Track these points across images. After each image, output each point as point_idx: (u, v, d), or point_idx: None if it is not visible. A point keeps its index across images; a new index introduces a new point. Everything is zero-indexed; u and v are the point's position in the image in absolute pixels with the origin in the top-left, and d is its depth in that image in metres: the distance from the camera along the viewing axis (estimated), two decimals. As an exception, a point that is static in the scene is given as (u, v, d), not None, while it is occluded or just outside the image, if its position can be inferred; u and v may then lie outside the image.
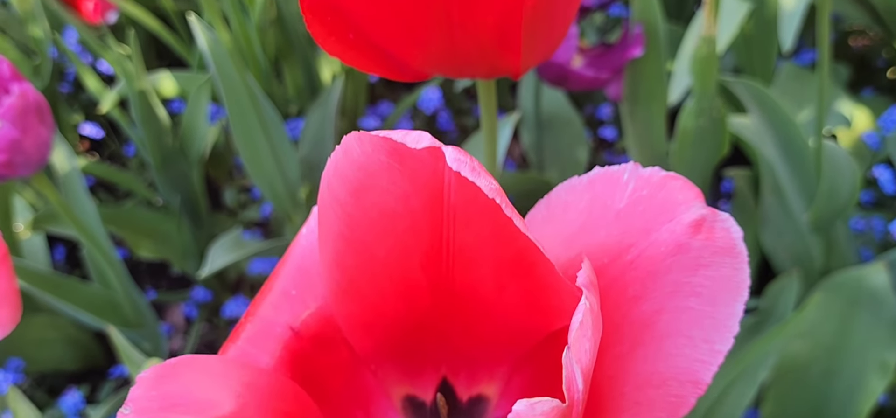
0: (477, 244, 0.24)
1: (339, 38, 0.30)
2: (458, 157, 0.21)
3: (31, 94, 0.50)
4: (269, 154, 0.65)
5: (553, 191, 0.26)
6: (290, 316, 0.26)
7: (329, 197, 0.23)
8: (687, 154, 0.56)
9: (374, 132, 0.21)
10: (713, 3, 0.48)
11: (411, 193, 0.23)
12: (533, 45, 0.31)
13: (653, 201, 0.23)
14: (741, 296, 0.22)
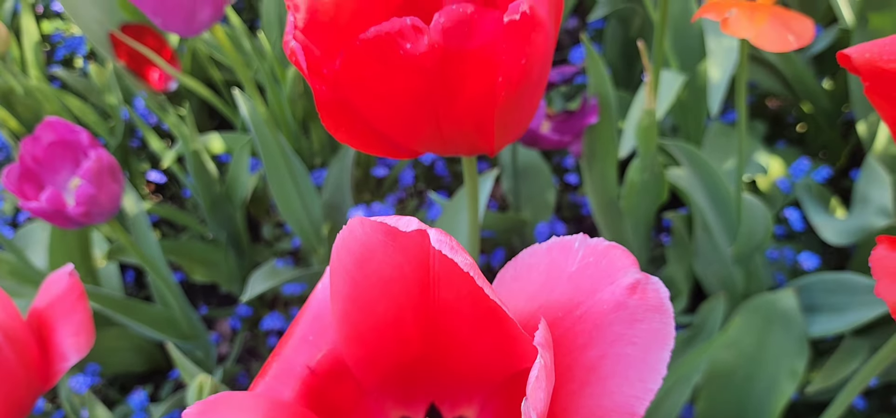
0: (457, 301, 0.24)
1: (348, 129, 0.30)
2: (440, 238, 0.21)
3: (104, 157, 0.50)
4: (297, 199, 0.65)
5: (519, 255, 0.26)
6: (308, 357, 0.26)
7: (338, 265, 0.23)
8: (634, 201, 0.57)
9: (373, 217, 0.22)
10: (653, 83, 0.48)
11: (404, 263, 0.23)
12: (504, 133, 0.31)
13: (598, 266, 0.24)
14: (668, 345, 0.22)
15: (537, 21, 0.27)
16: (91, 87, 0.85)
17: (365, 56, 0.27)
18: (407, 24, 0.26)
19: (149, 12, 0.45)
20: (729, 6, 0.35)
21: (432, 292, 0.24)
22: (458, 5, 0.26)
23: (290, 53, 0.28)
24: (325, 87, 0.29)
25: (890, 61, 0.26)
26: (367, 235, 0.22)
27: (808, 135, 0.82)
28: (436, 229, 0.21)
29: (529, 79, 0.29)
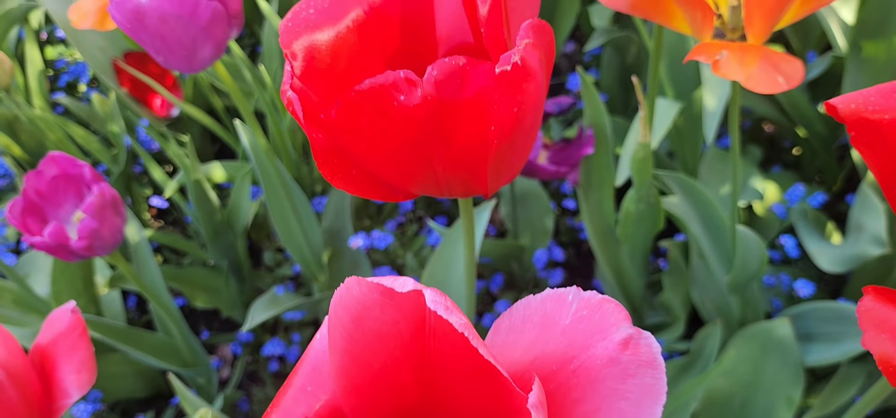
0: (452, 356, 0.24)
1: (344, 176, 0.30)
2: (435, 299, 0.21)
3: (107, 192, 0.50)
4: (297, 227, 0.65)
5: (515, 306, 0.26)
6: (306, 407, 0.26)
7: (336, 321, 0.24)
8: (630, 230, 0.57)
9: (370, 279, 0.22)
10: (647, 116, 0.48)
11: (400, 320, 0.23)
12: (498, 176, 0.31)
13: (591, 321, 0.24)
14: (660, 400, 0.22)
15: (529, 71, 0.27)
16: (94, 114, 0.86)
17: (360, 106, 0.27)
18: (401, 78, 0.26)
19: (151, 50, 0.46)
20: (719, 48, 0.36)
21: (428, 347, 0.24)
22: (450, 58, 0.26)
23: (288, 103, 0.28)
24: (322, 135, 0.29)
25: (875, 112, 0.27)
26: (364, 294, 0.22)
27: (804, 158, 0.82)
28: (431, 289, 0.22)
29: (522, 126, 0.29)
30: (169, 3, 0.42)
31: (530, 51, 0.27)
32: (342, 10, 0.32)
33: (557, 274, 0.74)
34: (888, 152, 0.26)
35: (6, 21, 0.78)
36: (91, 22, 0.59)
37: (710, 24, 0.37)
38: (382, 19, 0.33)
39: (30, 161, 0.87)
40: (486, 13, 0.28)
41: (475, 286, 0.40)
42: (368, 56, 0.33)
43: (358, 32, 0.32)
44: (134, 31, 0.44)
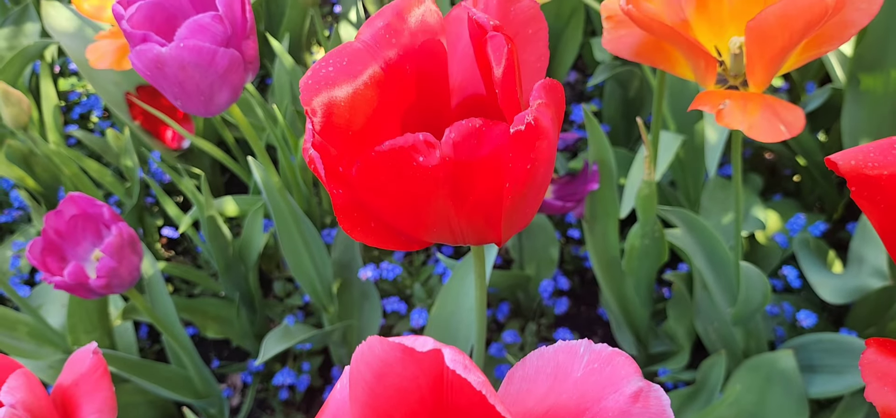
0: (469, 409, 0.25)
1: (363, 229, 0.31)
2: (454, 358, 0.22)
3: (125, 231, 0.51)
4: (308, 260, 0.66)
5: (529, 357, 0.27)
6: (328, 455, 0.27)
7: (357, 376, 0.24)
8: (635, 264, 0.58)
9: (391, 339, 0.23)
10: (651, 155, 0.49)
11: (419, 375, 0.24)
12: (511, 226, 0.32)
13: (602, 373, 0.25)
14: (670, 452, 0.23)
15: (541, 130, 0.28)
16: (107, 147, 0.87)
17: (380, 166, 0.28)
18: (420, 140, 0.27)
19: (169, 95, 0.47)
20: (722, 98, 0.37)
21: (446, 397, 0.25)
22: (467, 120, 0.27)
23: (309, 161, 0.29)
24: (342, 191, 0.30)
25: (874, 168, 0.28)
26: (385, 352, 0.23)
27: (804, 186, 0.83)
28: (450, 348, 0.23)
29: (534, 180, 0.30)
30: (188, 52, 0.43)
31: (543, 110, 0.28)
32: (360, 67, 0.33)
33: (563, 302, 0.75)
34: (887, 206, 0.27)
35: (23, 58, 0.80)
36: (108, 62, 0.61)
37: (713, 72, 0.38)
38: (398, 74, 0.34)
39: (44, 193, 0.88)
40: (500, 75, 0.29)
41: (485, 329, 0.41)
42: (386, 109, 0.34)
43: (375, 87, 0.33)
44: (153, 77, 0.45)
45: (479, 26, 0.30)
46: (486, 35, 0.30)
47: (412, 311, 0.71)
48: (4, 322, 0.68)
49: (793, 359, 0.54)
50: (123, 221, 0.52)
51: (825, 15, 0.34)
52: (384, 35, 0.34)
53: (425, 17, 0.35)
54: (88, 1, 0.63)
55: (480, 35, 0.30)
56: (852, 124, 0.71)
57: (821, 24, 0.35)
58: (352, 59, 0.33)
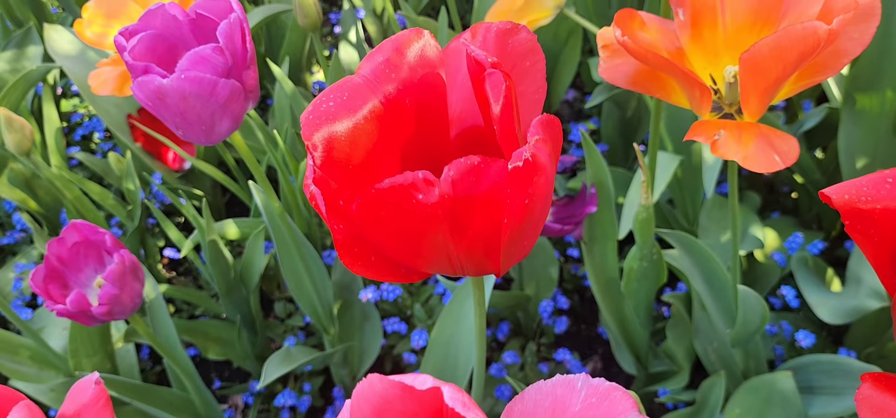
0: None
1: (364, 263, 0.31)
2: (453, 396, 0.22)
3: (127, 258, 0.51)
4: (308, 282, 0.66)
5: (527, 390, 0.27)
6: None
7: (358, 412, 0.25)
8: (633, 286, 0.58)
9: (391, 378, 0.23)
10: (648, 180, 0.50)
11: (419, 412, 0.24)
12: (509, 258, 0.32)
13: (600, 408, 0.25)
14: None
15: (539, 166, 0.29)
16: (109, 169, 0.88)
17: (380, 202, 0.29)
18: (419, 178, 0.27)
19: (170, 125, 0.47)
20: (717, 128, 0.37)
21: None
22: (466, 158, 0.28)
23: (310, 197, 0.30)
24: (343, 226, 0.30)
25: (867, 202, 0.28)
26: (385, 390, 0.24)
27: (802, 203, 0.83)
28: (449, 385, 0.23)
29: (533, 214, 0.31)
30: (189, 83, 0.44)
31: (540, 146, 0.29)
32: (359, 102, 0.33)
33: (562, 321, 0.75)
34: (881, 240, 0.28)
35: (26, 82, 0.80)
36: (110, 89, 0.61)
37: (708, 102, 0.39)
38: (398, 108, 0.35)
39: (45, 215, 0.89)
40: (498, 112, 0.29)
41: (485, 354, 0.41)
42: (386, 142, 0.35)
43: (375, 121, 0.34)
44: (155, 107, 0.46)
45: (478, 63, 0.31)
46: (484, 72, 0.30)
47: (413, 332, 0.71)
48: (7, 346, 0.68)
49: (792, 381, 0.54)
50: (125, 248, 0.52)
51: (818, 47, 0.35)
52: (384, 69, 0.34)
53: (424, 51, 0.35)
54: (90, 28, 0.64)
55: (479, 72, 0.31)
56: (848, 143, 0.71)
57: (814, 56, 0.36)
58: (352, 94, 0.33)
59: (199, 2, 0.47)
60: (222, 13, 0.46)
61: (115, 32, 0.64)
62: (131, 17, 0.65)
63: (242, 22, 0.46)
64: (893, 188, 0.28)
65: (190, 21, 0.48)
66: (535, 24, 0.65)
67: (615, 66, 0.42)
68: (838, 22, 0.34)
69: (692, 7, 0.42)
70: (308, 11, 0.62)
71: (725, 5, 0.42)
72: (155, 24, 0.48)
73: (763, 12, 0.41)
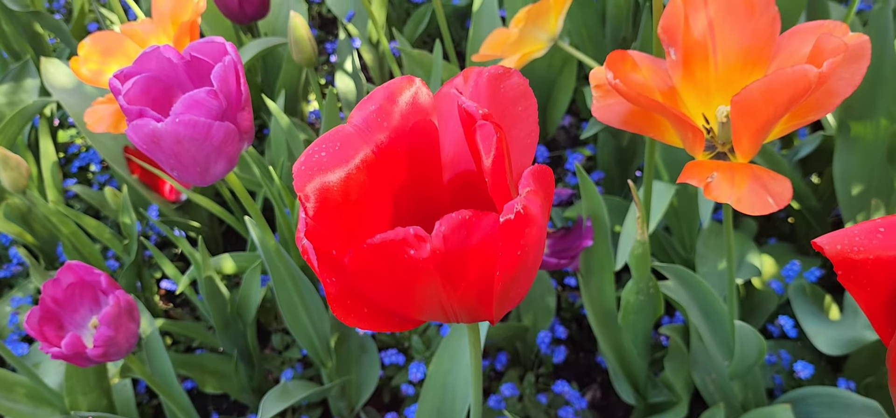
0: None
1: (356, 314, 0.31)
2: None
3: (122, 299, 0.51)
4: (305, 317, 0.66)
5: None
6: None
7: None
8: (630, 319, 0.58)
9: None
10: (643, 217, 0.50)
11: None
12: (503, 306, 0.32)
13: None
14: None
15: (531, 218, 0.29)
16: (106, 201, 0.88)
17: (372, 256, 0.29)
18: (410, 234, 0.27)
19: (165, 167, 0.47)
20: (710, 170, 0.37)
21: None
22: (457, 213, 0.28)
23: (303, 250, 0.30)
24: (335, 279, 0.30)
25: (859, 252, 0.28)
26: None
27: (799, 228, 0.83)
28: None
29: (525, 264, 0.31)
30: (184, 127, 0.44)
31: (532, 198, 0.29)
32: (352, 151, 0.33)
33: (561, 351, 0.74)
34: (874, 290, 0.28)
35: (22, 117, 0.80)
36: (106, 127, 0.61)
37: (700, 143, 0.39)
38: (390, 155, 0.35)
39: (42, 248, 0.89)
40: (490, 165, 0.29)
41: (481, 394, 0.41)
42: (378, 189, 0.35)
43: (367, 170, 0.34)
44: (149, 150, 0.46)
45: (469, 115, 0.31)
46: (476, 124, 0.30)
47: (411, 365, 0.71)
48: (2, 383, 0.68)
49: (791, 414, 0.54)
50: (121, 289, 0.52)
51: (809, 89, 0.35)
52: (375, 118, 0.34)
53: (416, 98, 0.35)
54: (86, 66, 0.64)
55: (470, 122, 0.31)
56: (844, 170, 0.72)
57: (805, 97, 0.36)
58: (343, 144, 0.33)
59: (193, 44, 0.47)
60: (216, 55, 0.47)
61: (112, 69, 0.64)
62: (127, 55, 0.65)
63: (237, 64, 0.46)
64: (885, 237, 0.28)
65: (185, 63, 0.48)
66: (529, 57, 0.65)
67: (608, 105, 0.42)
68: (828, 65, 0.34)
69: (684, 47, 0.42)
70: (303, 48, 0.62)
71: (717, 45, 0.42)
72: (150, 67, 0.48)
73: (754, 52, 0.42)
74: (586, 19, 0.85)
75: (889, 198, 0.70)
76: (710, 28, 0.42)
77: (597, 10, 0.87)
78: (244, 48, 0.83)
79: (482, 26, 0.85)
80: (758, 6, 0.41)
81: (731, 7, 0.41)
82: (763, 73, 0.42)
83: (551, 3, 0.64)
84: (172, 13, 0.64)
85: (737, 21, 0.42)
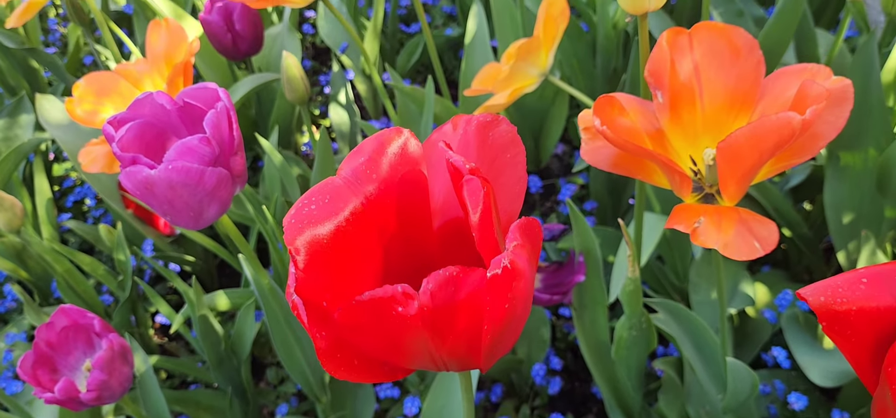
0: None
1: (347, 367, 0.31)
2: None
3: (116, 343, 0.51)
4: (299, 353, 0.66)
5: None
6: None
7: None
8: (623, 353, 0.58)
9: None
10: (634, 254, 0.50)
11: None
12: (492, 356, 0.33)
13: None
14: None
15: (518, 272, 0.29)
16: (99, 236, 0.88)
17: (361, 313, 0.29)
18: (398, 292, 0.28)
19: (159, 212, 0.48)
20: (697, 215, 0.37)
21: None
22: (444, 269, 0.28)
23: (293, 306, 0.30)
24: (325, 333, 0.30)
25: (842, 304, 0.28)
26: None
27: (791, 256, 0.84)
28: None
29: (513, 316, 0.31)
30: (177, 173, 0.44)
31: (519, 252, 0.29)
32: (341, 204, 0.34)
33: (556, 382, 0.74)
34: (858, 341, 0.28)
35: (17, 155, 0.81)
36: (100, 167, 0.62)
37: (687, 187, 0.39)
38: (379, 206, 0.35)
39: (36, 283, 0.89)
40: (477, 221, 0.30)
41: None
42: (368, 240, 0.35)
43: (357, 221, 0.34)
44: (143, 196, 0.46)
45: (456, 169, 0.31)
46: (463, 179, 0.31)
47: (405, 399, 0.71)
48: (-5, 424, 0.68)
49: (784, 448, 0.54)
50: (114, 332, 0.52)
51: (793, 136, 0.35)
52: (365, 170, 0.35)
53: (404, 149, 0.36)
54: (81, 106, 0.64)
55: (458, 177, 0.31)
56: (834, 199, 0.72)
57: (790, 143, 0.36)
58: (333, 197, 0.34)
59: (186, 90, 0.48)
60: (209, 101, 0.47)
61: (106, 110, 0.64)
62: (122, 95, 0.66)
63: (229, 110, 0.46)
64: (868, 288, 0.28)
65: (178, 108, 0.48)
66: (520, 92, 0.66)
67: (597, 148, 0.43)
68: (812, 112, 0.35)
69: (670, 90, 0.42)
70: (296, 87, 0.63)
71: (703, 88, 0.43)
72: (144, 113, 0.48)
73: (740, 94, 0.42)
74: (577, 51, 0.86)
75: (879, 228, 0.70)
76: (695, 71, 0.42)
77: (587, 42, 0.87)
78: (238, 84, 0.83)
79: (474, 58, 0.86)
80: (742, 50, 0.42)
81: (717, 51, 0.42)
82: (749, 114, 0.42)
83: (541, 39, 0.64)
84: (166, 54, 0.64)
85: (722, 64, 0.42)
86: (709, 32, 0.42)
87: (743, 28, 0.82)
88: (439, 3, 1.20)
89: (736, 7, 0.85)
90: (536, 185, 0.92)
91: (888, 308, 0.28)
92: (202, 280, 0.91)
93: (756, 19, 0.87)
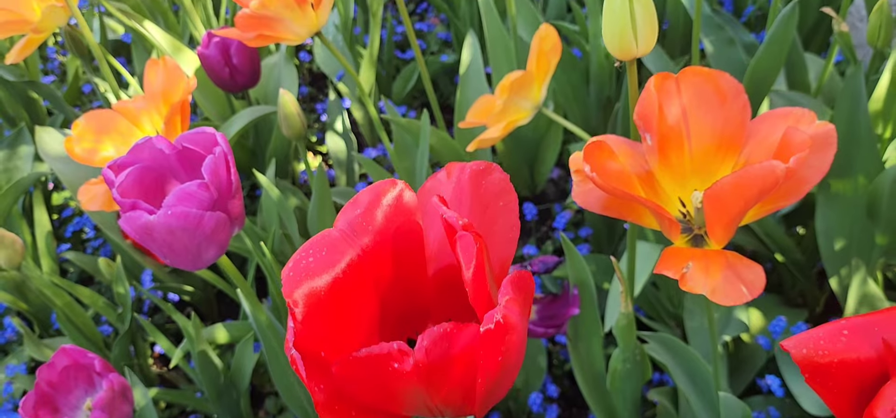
0: None
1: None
2: None
3: (116, 383, 0.52)
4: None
5: None
6: None
7: None
8: (618, 385, 0.59)
9: None
10: (627, 290, 0.51)
11: None
12: (487, 403, 0.33)
13: None
14: None
15: (510, 326, 0.30)
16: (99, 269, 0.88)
17: (358, 367, 0.30)
18: (394, 349, 0.28)
19: (158, 254, 0.49)
20: (685, 260, 0.38)
21: None
22: (438, 326, 0.29)
23: (291, 360, 0.31)
24: (324, 386, 0.31)
25: (824, 356, 0.29)
26: None
27: (785, 281, 0.85)
28: None
29: (507, 366, 0.32)
30: (175, 219, 0.45)
31: (511, 306, 0.30)
32: (338, 256, 0.35)
33: (553, 410, 0.75)
34: (840, 393, 0.29)
35: (17, 189, 0.82)
36: (99, 205, 0.63)
37: (676, 231, 0.40)
38: (376, 257, 0.36)
39: (36, 315, 0.89)
40: (470, 277, 0.31)
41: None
42: (365, 289, 0.36)
43: (354, 272, 0.35)
44: (142, 240, 0.47)
45: (450, 225, 0.32)
46: (456, 234, 0.32)
47: (403, 429, 0.72)
48: (-4, 460, 0.68)
49: (778, 478, 0.55)
50: (115, 372, 0.53)
51: (777, 184, 0.36)
52: (360, 222, 0.36)
53: (400, 200, 0.37)
54: (80, 145, 0.65)
55: (451, 232, 0.32)
56: (825, 225, 0.73)
57: (774, 190, 0.37)
58: (330, 249, 0.35)
59: (184, 135, 0.49)
60: (207, 146, 0.48)
61: (105, 147, 0.65)
62: (120, 132, 0.67)
63: (227, 154, 0.47)
64: (848, 341, 0.29)
65: (176, 153, 0.49)
66: (513, 125, 0.67)
67: (588, 191, 0.44)
68: (795, 160, 0.36)
69: (659, 133, 0.43)
70: (292, 123, 0.64)
71: (691, 131, 0.44)
72: (143, 157, 0.49)
73: (727, 137, 0.43)
74: (571, 79, 0.87)
75: (870, 254, 0.71)
76: (683, 115, 0.44)
77: (581, 71, 0.89)
78: (236, 116, 0.85)
79: (469, 87, 0.87)
80: (728, 94, 0.43)
81: (704, 95, 0.43)
82: (736, 156, 0.43)
83: (534, 74, 0.66)
84: (164, 92, 0.66)
85: (709, 108, 0.43)
86: (696, 77, 0.43)
87: (734, 54, 0.83)
88: (435, 30, 1.21)
89: (726, 35, 0.86)
90: (532, 213, 0.93)
91: (868, 360, 0.29)
92: (202, 309, 0.92)
93: (746, 46, 0.88)
